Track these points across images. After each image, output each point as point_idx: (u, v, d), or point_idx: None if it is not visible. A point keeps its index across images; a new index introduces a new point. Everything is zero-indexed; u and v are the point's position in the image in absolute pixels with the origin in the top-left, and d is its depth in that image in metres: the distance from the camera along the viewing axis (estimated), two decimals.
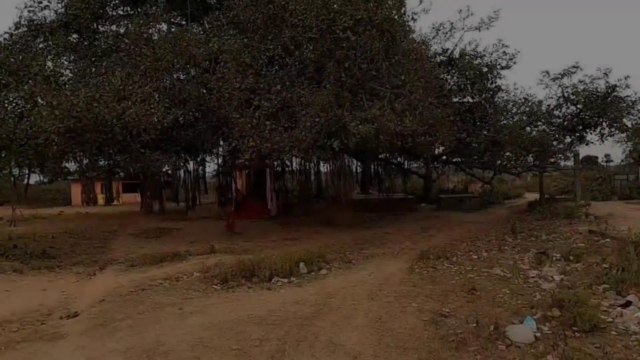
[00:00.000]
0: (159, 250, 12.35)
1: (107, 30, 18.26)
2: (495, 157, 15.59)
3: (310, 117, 9.85)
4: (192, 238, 14.82)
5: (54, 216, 26.21)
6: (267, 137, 10.62)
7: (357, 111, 10.09)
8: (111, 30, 17.90)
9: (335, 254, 10.94)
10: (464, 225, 16.48)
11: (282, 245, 13.01)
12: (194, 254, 11.44)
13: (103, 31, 18.29)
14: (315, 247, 12.53)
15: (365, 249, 11.75)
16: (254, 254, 10.97)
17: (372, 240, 13.39)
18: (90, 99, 8.66)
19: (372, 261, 9.86)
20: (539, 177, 22.40)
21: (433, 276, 7.77)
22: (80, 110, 8.46)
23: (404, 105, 9.75)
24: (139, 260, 10.70)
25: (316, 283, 7.33)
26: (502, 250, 10.63)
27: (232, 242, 13.66)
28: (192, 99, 11.17)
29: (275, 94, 11.05)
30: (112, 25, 18.41)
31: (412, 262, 9.36)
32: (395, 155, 23.03)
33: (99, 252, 12.45)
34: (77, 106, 8.36)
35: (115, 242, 14.63)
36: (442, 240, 13.09)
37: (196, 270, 8.37)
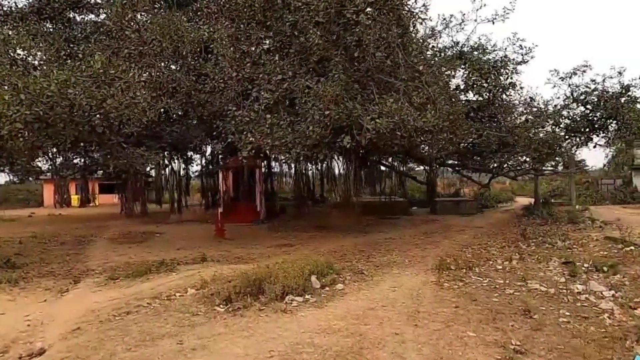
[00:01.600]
0: (142, 258, 10.91)
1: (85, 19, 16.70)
2: (505, 158, 14.70)
3: (318, 110, 8.63)
4: (178, 244, 13.38)
5: (23, 218, 24.15)
6: (268, 133, 9.36)
7: (370, 105, 8.94)
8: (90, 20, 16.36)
9: (342, 263, 9.77)
10: (466, 230, 15.55)
11: (279, 252, 11.73)
12: (183, 263, 10.06)
13: (80, 20, 16.73)
14: (315, 254, 11.32)
15: (372, 257, 10.61)
16: (252, 263, 9.69)
17: (376, 247, 12.27)
18: (64, 82, 7.23)
19: (386, 272, 8.71)
20: (535, 180, 21.79)
21: (468, 292, 6.66)
22: (52, 96, 7.02)
23: (423, 99, 8.65)
24: (120, 270, 9.26)
25: (337, 302, 6.12)
26: (522, 259, 9.64)
27: (222, 249, 12.30)
28: (182, 89, 9.80)
29: (275, 85, 9.81)
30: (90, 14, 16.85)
31: (433, 274, 8.27)
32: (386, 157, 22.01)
33: (73, 261, 10.91)
34: (48, 90, 6.91)
35: (92, 248, 13.06)
36: (450, 247, 12.07)
37: (190, 285, 7.03)
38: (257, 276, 6.63)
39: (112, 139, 8.87)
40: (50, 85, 6.96)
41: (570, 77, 13.56)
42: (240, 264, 10.01)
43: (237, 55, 9.96)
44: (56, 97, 7.11)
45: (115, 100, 8.05)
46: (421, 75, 9.33)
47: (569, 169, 19.92)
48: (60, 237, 15.73)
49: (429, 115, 8.13)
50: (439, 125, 8.29)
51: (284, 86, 9.82)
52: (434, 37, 11.70)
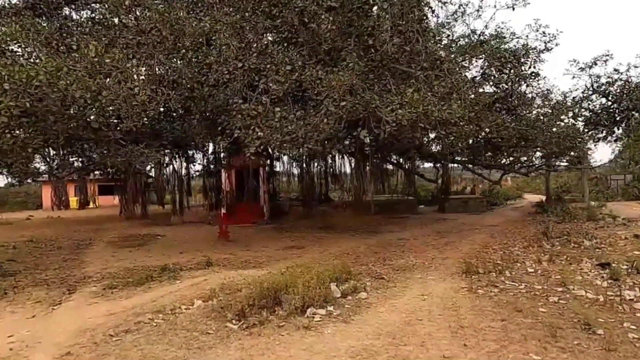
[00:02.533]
0: (143, 264, 10.15)
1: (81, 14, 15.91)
2: (521, 153, 13.94)
3: (333, 101, 7.86)
4: (181, 247, 12.61)
5: (21, 221, 23.34)
6: (277, 127, 8.59)
7: (388, 95, 8.17)
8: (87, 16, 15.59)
9: (358, 266, 9.04)
10: (481, 229, 14.79)
11: (288, 254, 10.98)
12: (187, 268, 9.30)
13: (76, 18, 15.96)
14: (327, 256, 10.57)
15: (389, 259, 9.86)
16: (261, 268, 8.93)
17: (390, 248, 11.51)
18: (54, 71, 6.45)
19: (408, 276, 7.96)
20: (546, 176, 21.05)
21: (508, 301, 5.90)
22: (40, 86, 6.24)
23: (446, 88, 7.89)
24: (119, 278, 8.50)
25: (364, 315, 5.36)
26: (552, 260, 8.89)
27: (228, 252, 11.53)
28: (183, 82, 9.03)
29: (284, 76, 9.03)
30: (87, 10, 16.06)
31: (461, 278, 7.53)
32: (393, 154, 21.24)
33: (69, 267, 10.13)
34: (36, 80, 6.13)
35: (90, 252, 12.27)
36: (469, 247, 11.31)
37: (197, 295, 6.26)
38: (272, 285, 5.86)
39: (110, 136, 8.10)
40: (39, 74, 6.17)
41: (590, 68, 12.83)
42: (248, 268, 9.25)
43: (242, 44, 9.18)
44: (45, 87, 6.34)
45: (112, 92, 7.27)
46: (442, 64, 8.56)
47: (582, 165, 19.17)
48: (57, 240, 14.95)
49: (455, 106, 7.37)
50: (465, 116, 7.53)
51: (293, 77, 9.04)
52: (449, 27, 10.94)
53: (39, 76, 6.26)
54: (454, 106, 7.36)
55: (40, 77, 6.25)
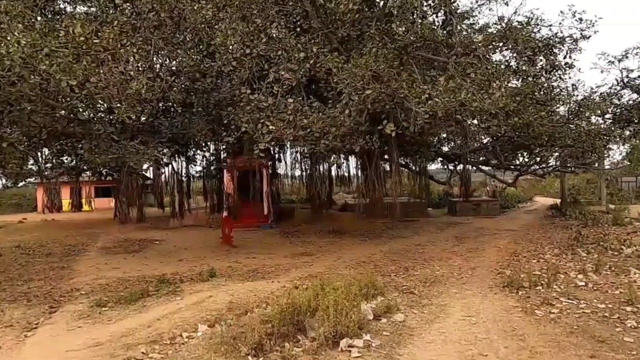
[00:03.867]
0: (138, 273, 9.05)
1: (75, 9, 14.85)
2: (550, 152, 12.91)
3: (355, 90, 6.80)
4: (180, 253, 11.49)
5: (12, 225, 22.13)
6: (290, 120, 7.51)
7: (417, 85, 7.11)
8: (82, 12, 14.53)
9: (380, 278, 7.93)
10: (501, 234, 13.74)
11: (298, 262, 9.88)
12: (188, 279, 8.21)
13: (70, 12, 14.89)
14: (342, 266, 9.49)
15: (412, 269, 8.79)
16: (270, 279, 7.84)
17: (409, 255, 10.44)
18: (30, 49, 5.35)
19: (442, 291, 6.89)
20: (561, 178, 20.05)
21: (580, 327, 4.83)
22: (13, 66, 5.15)
23: (485, 76, 6.84)
24: (110, 291, 7.41)
25: (410, 347, 4.27)
26: (599, 271, 7.84)
27: (232, 259, 10.44)
28: (184, 70, 7.95)
29: (297, 64, 7.97)
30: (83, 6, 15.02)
31: (505, 293, 6.47)
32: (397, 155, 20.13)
33: (56, 277, 9.02)
34: (7, 58, 5.03)
35: (81, 260, 11.14)
36: (496, 255, 10.25)
37: (201, 317, 5.16)
38: (292, 306, 4.77)
39: (100, 129, 7.00)
40: (12, 52, 5.07)
41: (620, 61, 11.85)
42: (256, 280, 8.16)
43: (250, 28, 8.11)
44: (19, 68, 5.23)
45: (102, 78, 6.18)
46: (476, 50, 7.51)
47: (599, 166, 18.16)
48: (47, 246, 13.79)
49: (497, 95, 6.31)
50: (508, 107, 6.48)
51: (307, 65, 7.98)
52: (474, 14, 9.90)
53: (13, 54, 5.15)
54: (496, 95, 6.31)
55: (14, 55, 5.14)
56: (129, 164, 7.43)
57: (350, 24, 8.34)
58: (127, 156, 7.18)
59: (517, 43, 8.51)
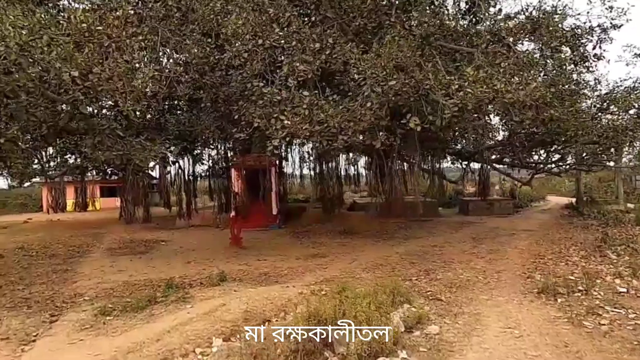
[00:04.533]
0: (144, 276, 8.58)
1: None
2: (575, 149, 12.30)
3: (377, 82, 6.28)
4: (188, 255, 11.01)
5: (17, 225, 21.76)
6: (306, 115, 6.99)
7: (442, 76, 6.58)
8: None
9: (400, 281, 7.41)
10: (519, 235, 13.15)
11: (311, 265, 9.37)
12: (197, 283, 7.73)
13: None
14: (358, 268, 8.97)
15: (433, 273, 8.26)
16: (284, 282, 7.31)
17: (427, 257, 9.90)
18: (27, 36, 4.87)
19: (471, 297, 6.36)
20: (577, 176, 19.42)
21: (638, 341, 4.29)
22: (9, 53, 4.66)
23: (518, 66, 6.30)
24: (115, 296, 6.95)
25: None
26: (637, 276, 7.27)
27: (242, 262, 9.94)
28: (193, 62, 7.45)
29: (312, 55, 7.45)
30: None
31: (541, 300, 5.93)
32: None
33: (59, 281, 8.56)
34: (1, 43, 4.55)
35: (86, 262, 10.69)
36: (519, 256, 9.70)
37: (215, 329, 4.66)
38: (315, 316, 4.26)
39: (104, 125, 6.51)
40: (6, 37, 4.58)
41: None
42: (270, 284, 7.66)
43: (262, 18, 7.60)
44: (16, 55, 4.74)
45: (105, 67, 5.68)
46: (505, 38, 6.97)
47: (616, 164, 17.54)
48: (51, 247, 13.35)
49: (533, 85, 5.77)
50: (545, 98, 5.93)
51: (322, 57, 7.45)
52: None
53: (8, 39, 4.66)
54: (532, 85, 5.76)
55: (8, 39, 4.65)
56: (134, 162, 6.92)
57: (367, 13, 7.81)
58: (132, 153, 6.69)
59: (543, 33, 7.93)
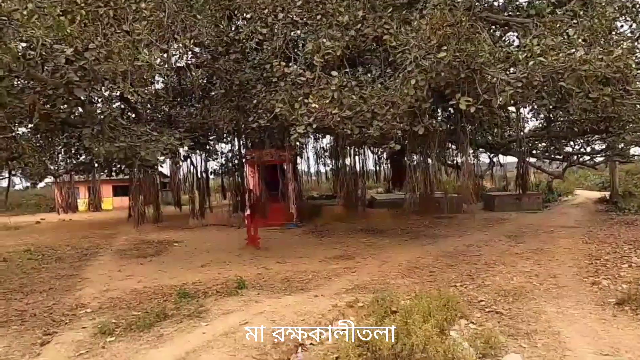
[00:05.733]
0: (154, 283, 7.69)
1: None
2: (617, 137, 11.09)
3: (422, 54, 5.24)
4: (202, 257, 10.10)
5: (29, 225, 21.16)
6: (335, 98, 5.98)
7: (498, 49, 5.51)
8: None
9: (444, 289, 6.39)
10: (559, 232, 11.97)
11: (338, 269, 8.37)
12: (212, 292, 6.79)
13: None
14: (392, 272, 7.95)
15: (478, 277, 7.23)
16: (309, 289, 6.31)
17: (465, 259, 8.84)
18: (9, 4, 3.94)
19: (535, 309, 5.32)
20: (611, 169, 18.11)
21: None
22: None
23: (591, 31, 5.20)
24: (121, 308, 6.07)
25: None
26: None
27: (260, 265, 9.00)
28: (207, 40, 6.48)
29: (340, 30, 6.43)
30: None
31: (633, 316, 4.85)
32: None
33: (62, 288, 7.71)
34: None
35: (93, 266, 9.85)
36: (570, 258, 8.57)
37: (235, 351, 3.68)
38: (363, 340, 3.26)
39: (104, 111, 5.59)
40: None
41: None
42: (295, 292, 6.68)
43: None
44: None
45: (102, 43, 4.73)
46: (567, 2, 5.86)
47: None
48: (59, 249, 12.58)
49: (617, 53, 4.67)
50: (629, 69, 4.83)
51: (351, 33, 6.42)
52: None
53: None
54: (616, 53, 4.67)
55: None
56: (140, 156, 5.98)
57: None
58: (137, 145, 5.75)
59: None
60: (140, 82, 5.58)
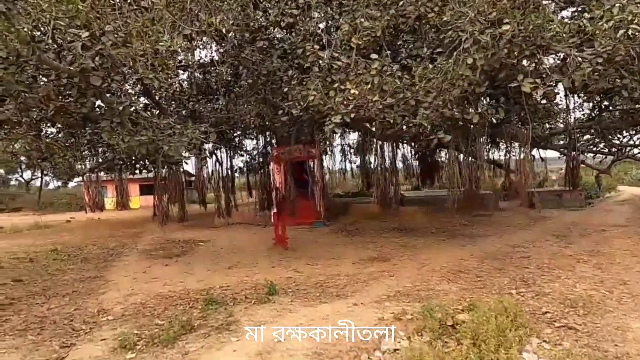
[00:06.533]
0: (180, 286, 7.21)
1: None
2: None
3: (481, 28, 4.50)
4: (229, 258, 9.60)
5: (59, 224, 21.30)
6: (375, 83, 5.29)
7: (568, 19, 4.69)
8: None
9: (495, 296, 5.63)
10: (611, 232, 10.94)
11: (374, 272, 7.68)
12: (241, 298, 6.24)
13: None
14: (433, 276, 7.21)
15: (533, 283, 6.43)
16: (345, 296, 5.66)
17: (514, 262, 8.00)
18: None
19: (616, 325, 4.53)
20: None
21: None
22: None
23: None
24: (145, 315, 5.58)
25: None
26: None
27: (290, 267, 8.42)
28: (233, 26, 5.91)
29: (379, 9, 5.74)
30: None
31: None
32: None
33: (85, 292, 7.31)
34: None
35: (118, 267, 9.48)
36: (634, 261, 7.63)
37: None
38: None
39: (124, 101, 5.08)
40: None
41: None
42: (331, 299, 6.05)
43: None
44: None
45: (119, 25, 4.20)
46: None
47: None
48: (86, 249, 12.35)
49: None
50: None
51: (391, 12, 5.71)
52: None
53: None
54: None
55: None
56: (163, 151, 5.45)
57: None
58: (159, 139, 5.23)
59: None
60: (161, 67, 5.03)
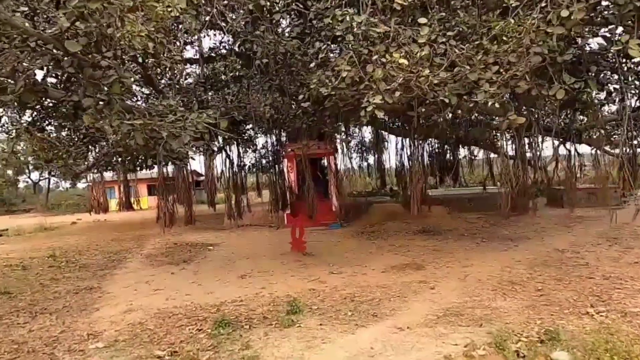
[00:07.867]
0: (187, 300, 6.18)
1: None
2: None
3: None
4: (242, 265, 8.51)
5: (63, 226, 20.41)
6: (424, 56, 4.17)
7: None
8: None
9: (574, 318, 4.48)
10: None
11: (411, 284, 6.54)
12: (258, 317, 5.16)
13: None
14: (482, 288, 6.05)
15: (609, 298, 5.26)
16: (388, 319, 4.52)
17: (571, 270, 6.78)
18: None
19: None
20: None
21: None
22: None
23: None
24: (139, 347, 4.49)
25: None
26: None
27: (311, 275, 7.33)
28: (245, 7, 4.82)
29: None
30: None
31: None
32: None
33: (78, 307, 6.30)
34: None
35: (118, 275, 8.45)
36: None
37: None
38: None
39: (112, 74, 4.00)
40: None
41: None
42: (366, 320, 4.95)
43: None
44: None
45: None
46: None
47: None
48: (86, 253, 11.36)
49: None
50: None
51: None
52: None
53: None
54: None
55: None
56: (164, 142, 4.37)
57: None
58: (157, 124, 4.15)
59: None
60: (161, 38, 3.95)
